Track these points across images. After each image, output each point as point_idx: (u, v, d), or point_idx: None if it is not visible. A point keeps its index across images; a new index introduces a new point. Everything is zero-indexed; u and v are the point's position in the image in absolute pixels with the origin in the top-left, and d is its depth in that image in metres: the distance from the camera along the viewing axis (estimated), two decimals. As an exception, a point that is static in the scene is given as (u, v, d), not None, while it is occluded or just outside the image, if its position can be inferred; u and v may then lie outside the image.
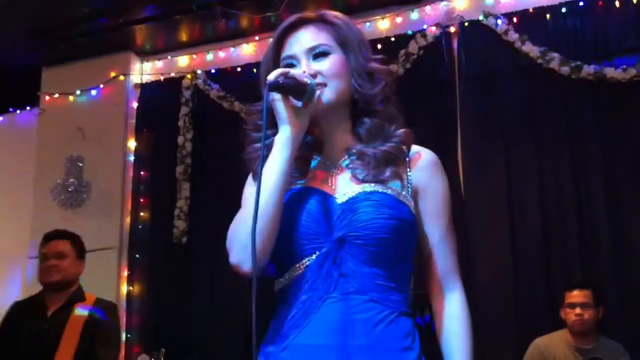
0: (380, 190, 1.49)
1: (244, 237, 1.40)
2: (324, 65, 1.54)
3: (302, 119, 1.49)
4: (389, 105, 1.57)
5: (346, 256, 1.45)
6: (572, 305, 3.81)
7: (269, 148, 1.47)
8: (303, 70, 1.51)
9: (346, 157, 1.56)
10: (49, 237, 3.55)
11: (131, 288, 5.21)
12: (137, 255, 5.27)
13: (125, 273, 5.25)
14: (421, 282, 1.58)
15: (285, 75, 1.44)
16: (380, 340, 1.42)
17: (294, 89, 1.47)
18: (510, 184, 4.43)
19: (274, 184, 1.44)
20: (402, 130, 1.56)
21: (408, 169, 1.56)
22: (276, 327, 1.49)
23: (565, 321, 3.85)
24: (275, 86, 1.44)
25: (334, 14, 1.63)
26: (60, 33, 5.35)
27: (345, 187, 1.52)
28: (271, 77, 1.43)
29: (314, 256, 1.47)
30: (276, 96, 1.46)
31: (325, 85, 1.53)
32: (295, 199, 1.51)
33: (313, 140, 1.60)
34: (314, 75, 1.51)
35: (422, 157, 1.58)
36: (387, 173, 1.51)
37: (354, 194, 1.49)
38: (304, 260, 1.48)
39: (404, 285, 1.50)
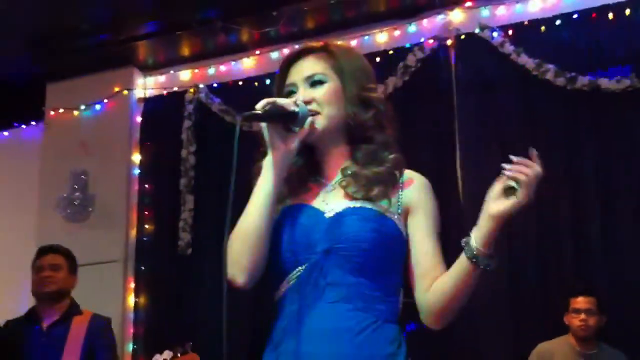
0: (366, 206, 1.58)
1: (235, 254, 1.53)
2: (319, 92, 1.64)
3: (290, 143, 1.58)
4: (383, 132, 1.66)
5: (333, 267, 1.54)
6: (577, 311, 3.89)
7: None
8: (294, 99, 1.60)
9: (341, 176, 1.65)
10: (44, 251, 3.63)
11: (137, 300, 5.27)
12: (143, 267, 5.33)
13: (131, 285, 5.31)
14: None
15: (272, 104, 1.54)
16: (365, 347, 1.50)
17: (282, 116, 1.56)
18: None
19: (258, 204, 1.56)
20: (394, 155, 1.65)
21: (400, 190, 1.64)
22: (273, 336, 1.59)
23: (570, 326, 3.93)
24: (262, 114, 1.54)
25: (337, 44, 1.74)
26: (63, 48, 5.40)
27: (335, 203, 1.61)
28: (258, 106, 1.54)
29: (303, 267, 1.56)
30: (262, 124, 1.58)
31: (318, 112, 1.62)
32: (289, 215, 1.62)
33: (308, 161, 1.69)
34: (308, 102, 1.62)
35: (414, 180, 1.68)
36: (376, 191, 1.60)
37: (341, 209, 1.59)
38: (295, 271, 1.57)
39: (390, 296, 1.58)
